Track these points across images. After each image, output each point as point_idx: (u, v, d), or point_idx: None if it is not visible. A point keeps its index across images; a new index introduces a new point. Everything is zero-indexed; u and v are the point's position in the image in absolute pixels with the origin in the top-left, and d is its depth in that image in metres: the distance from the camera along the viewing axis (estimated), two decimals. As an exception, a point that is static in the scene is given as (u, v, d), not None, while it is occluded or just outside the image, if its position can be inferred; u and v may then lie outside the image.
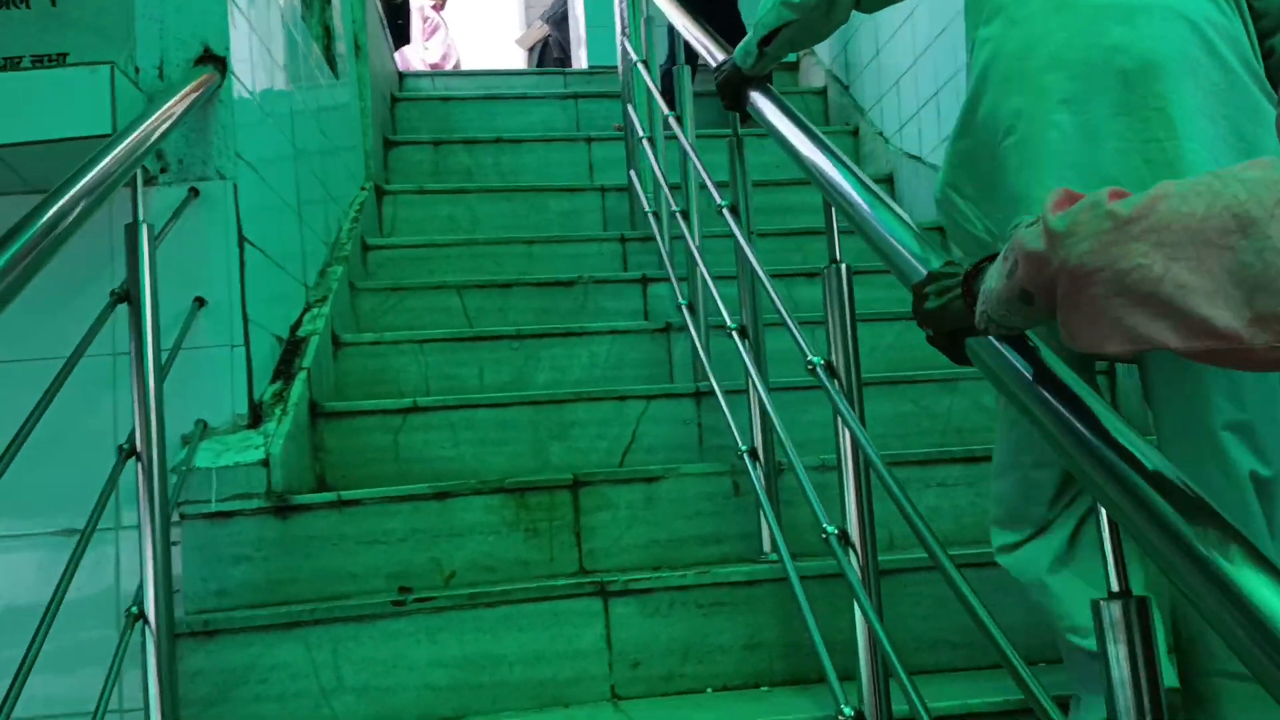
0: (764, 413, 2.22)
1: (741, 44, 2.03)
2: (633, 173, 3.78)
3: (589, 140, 4.31)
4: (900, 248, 1.35)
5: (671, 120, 2.88)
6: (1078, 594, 1.59)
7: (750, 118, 2.12)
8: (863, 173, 1.61)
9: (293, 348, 2.56)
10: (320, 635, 1.92)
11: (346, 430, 2.50)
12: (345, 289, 3.04)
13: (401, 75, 4.88)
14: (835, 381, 1.61)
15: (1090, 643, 1.54)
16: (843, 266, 1.65)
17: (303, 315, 2.70)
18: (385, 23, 4.59)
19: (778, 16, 1.91)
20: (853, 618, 2.03)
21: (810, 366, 1.62)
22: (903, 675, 1.36)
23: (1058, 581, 1.64)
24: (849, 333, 1.62)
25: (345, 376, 2.79)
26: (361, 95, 3.85)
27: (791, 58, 5.31)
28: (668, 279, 3.22)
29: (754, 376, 2.15)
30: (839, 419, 1.61)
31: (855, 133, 4.50)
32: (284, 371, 2.47)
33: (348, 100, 3.62)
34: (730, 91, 2.10)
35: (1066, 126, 1.47)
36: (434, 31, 8.16)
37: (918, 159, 4.03)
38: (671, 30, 2.87)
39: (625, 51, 3.82)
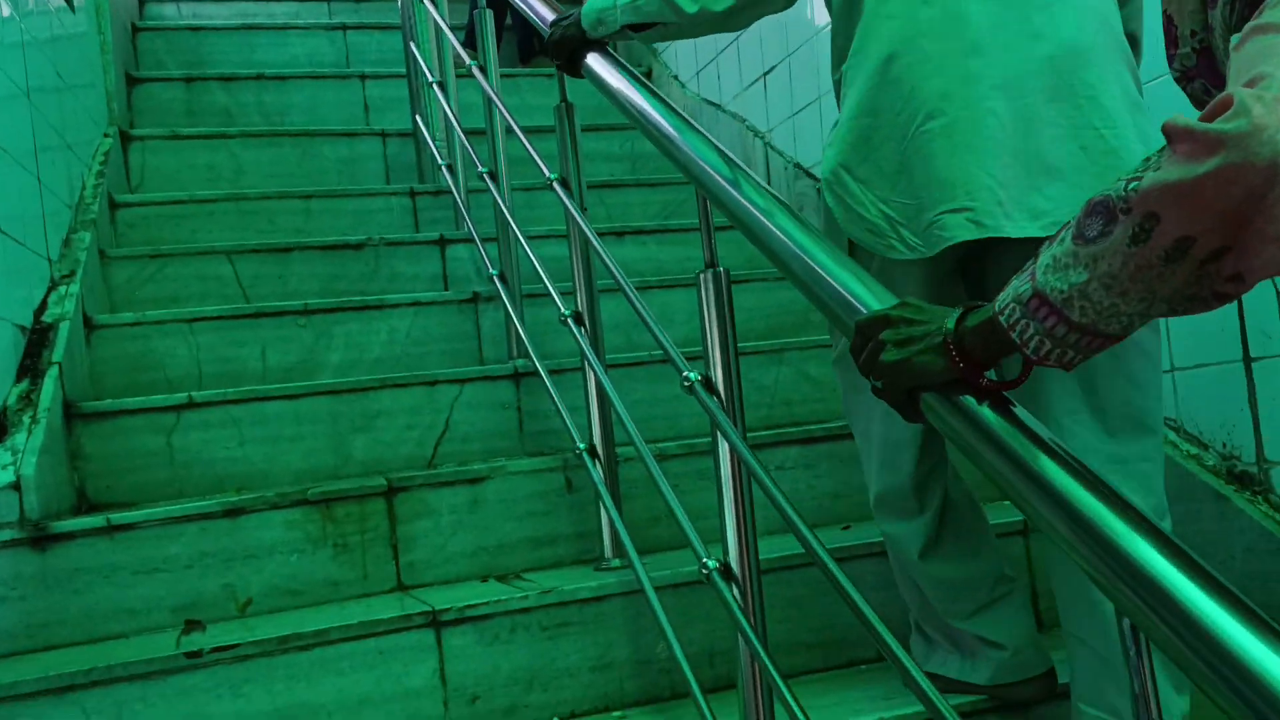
0: (603, 400, 2.03)
1: (594, 10, 1.81)
2: (418, 118, 3.47)
3: (363, 78, 3.94)
4: (826, 277, 1.16)
5: (475, 70, 2.60)
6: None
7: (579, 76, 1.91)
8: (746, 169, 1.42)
9: (39, 337, 2.17)
10: (99, 699, 1.61)
11: (110, 432, 2.14)
12: (95, 259, 2.62)
13: (142, 1, 4.32)
14: (715, 398, 1.42)
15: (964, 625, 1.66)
16: (721, 272, 1.46)
17: (48, 296, 2.30)
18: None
19: (659, 11, 1.71)
20: (707, 627, 1.90)
21: (687, 383, 1.43)
22: (788, 694, 1.22)
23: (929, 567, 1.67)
24: (730, 345, 1.43)
25: (102, 365, 2.40)
26: (100, 26, 3.35)
27: None
28: (469, 240, 2.96)
29: (591, 362, 1.95)
30: (718, 435, 1.43)
31: (649, 74, 4.31)
32: (31, 368, 2.08)
33: (85, 30, 3.13)
34: (565, 53, 1.89)
35: (1002, 113, 1.43)
36: None
37: (717, 106, 3.88)
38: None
39: (408, -8, 3.48)
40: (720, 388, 1.42)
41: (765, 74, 3.51)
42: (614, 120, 3.83)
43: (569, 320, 2.00)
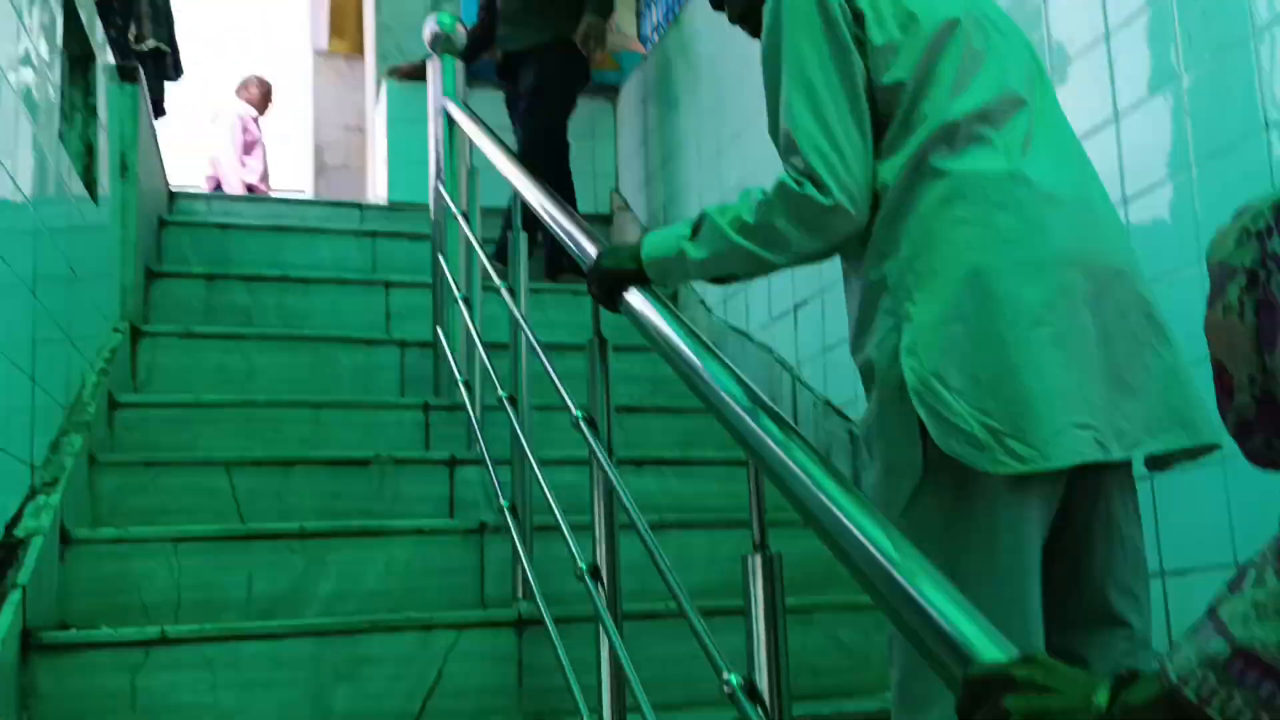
0: (617, 667, 1.82)
1: (658, 261, 1.64)
2: (439, 329, 3.37)
3: (387, 285, 3.87)
4: (918, 599, 0.98)
5: (505, 292, 2.50)
6: None
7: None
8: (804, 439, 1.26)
9: (6, 555, 1.99)
10: None
11: (69, 669, 1.94)
12: (83, 465, 2.47)
13: (172, 195, 4.32)
14: (758, 708, 1.23)
15: None
16: (773, 557, 1.28)
17: (24, 507, 2.13)
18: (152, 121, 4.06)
19: (739, 267, 1.57)
20: None
21: (728, 689, 1.23)
22: None
23: None
24: (776, 649, 1.24)
25: (74, 585, 2.22)
26: (124, 221, 3.30)
27: (605, 208, 5.07)
28: (479, 462, 2.81)
29: (607, 626, 1.76)
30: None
31: (674, 298, 4.25)
32: (-10, 591, 1.90)
33: (106, 222, 3.08)
34: (607, 288, 1.75)
35: (1090, 327, 1.42)
36: (253, 146, 7.45)
37: (744, 335, 3.79)
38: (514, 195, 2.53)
39: (439, 196, 3.44)
40: (765, 697, 1.22)
41: (797, 307, 3.42)
42: (636, 341, 3.75)
43: (585, 576, 1.82)
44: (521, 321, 2.44)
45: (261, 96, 7.57)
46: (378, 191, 5.11)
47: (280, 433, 2.98)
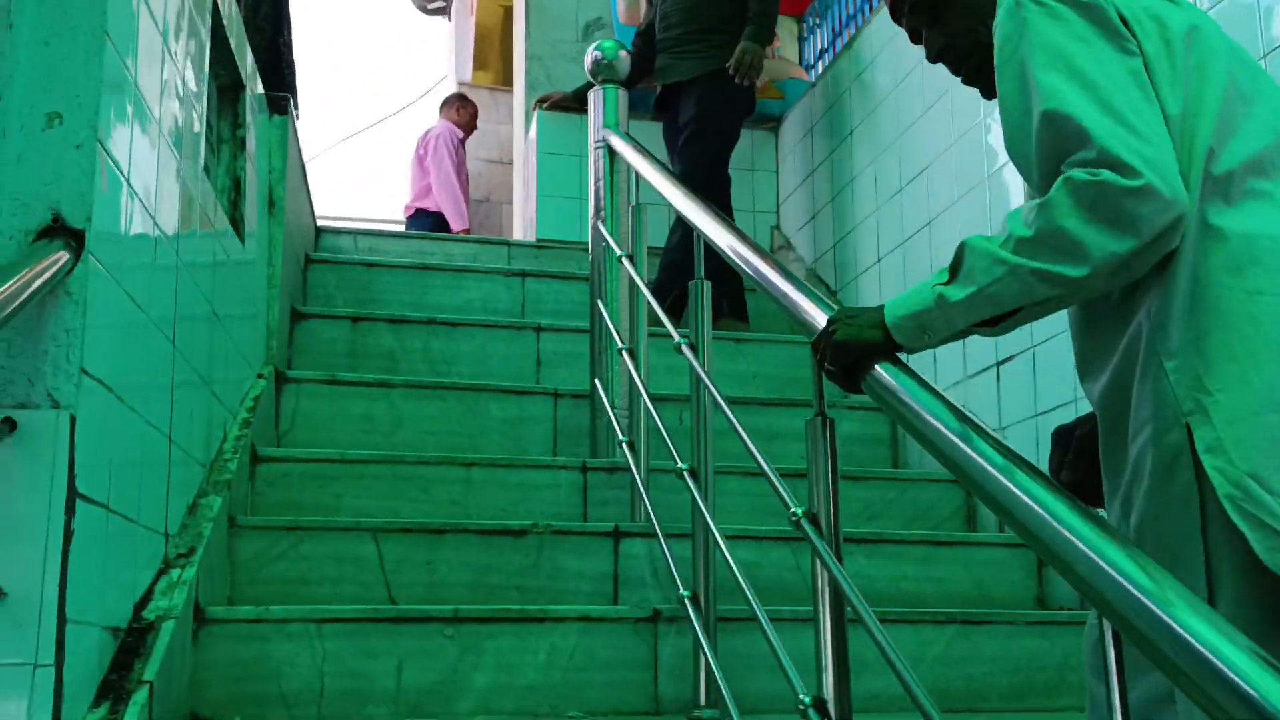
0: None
1: (909, 314, 1.34)
2: (597, 382, 3.09)
3: (538, 330, 3.62)
4: None
5: (685, 350, 2.21)
6: None
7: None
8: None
9: (134, 641, 1.76)
10: None
11: (199, 777, 1.69)
12: (222, 530, 2.25)
13: (319, 231, 4.16)
14: None
15: None
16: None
17: (155, 582, 1.91)
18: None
19: (1025, 292, 1.25)
20: None
21: None
22: None
23: None
24: None
25: (207, 670, 1.98)
26: (271, 259, 3.12)
27: (766, 247, 4.75)
28: (648, 534, 2.51)
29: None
30: None
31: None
32: (115, 685, 1.67)
33: (253, 259, 2.89)
34: (848, 364, 1.42)
35: None
36: (462, 170, 6.55)
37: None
38: (684, 231, 2.24)
39: (599, 235, 3.17)
40: None
41: (999, 363, 3.05)
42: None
43: (808, 710, 1.49)
44: (706, 380, 2.14)
45: (470, 117, 6.82)
46: (526, 228, 4.89)
47: (429, 493, 2.74)
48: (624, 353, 2.80)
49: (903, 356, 1.40)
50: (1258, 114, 1.31)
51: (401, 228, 6.60)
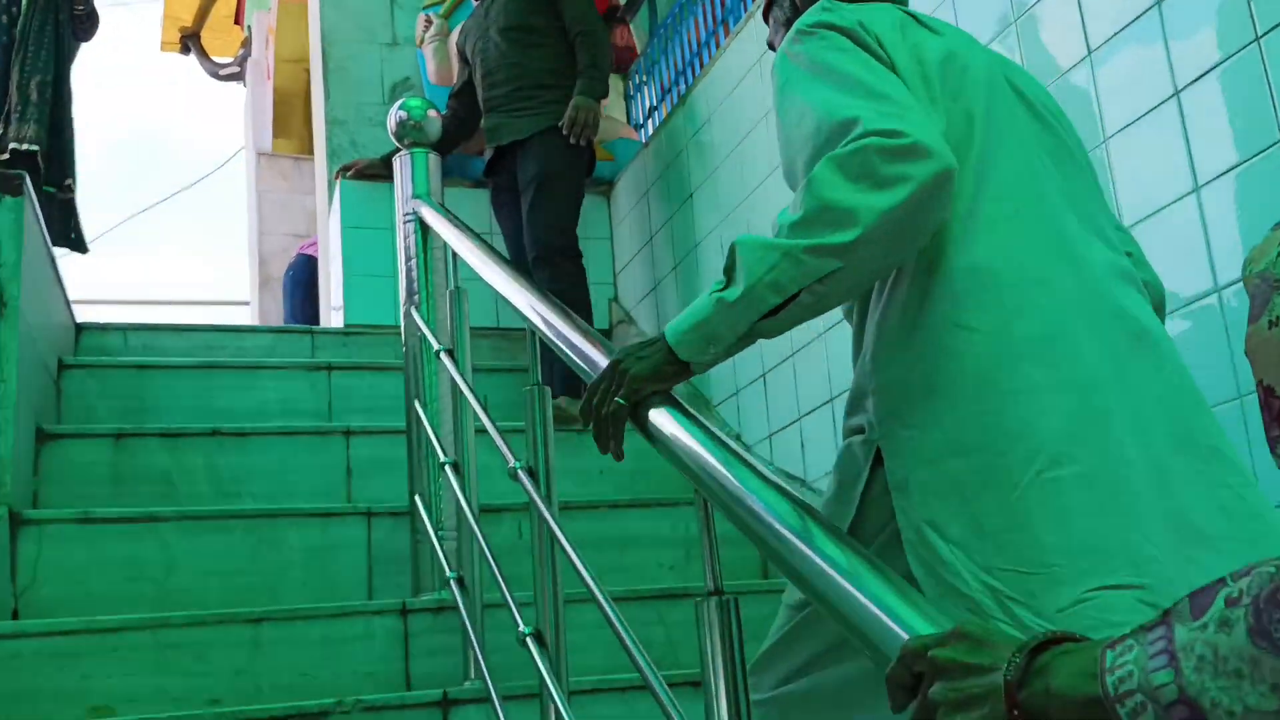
0: None
1: (695, 326, 1.27)
2: (418, 500, 2.58)
3: (347, 434, 3.09)
4: None
5: (522, 475, 1.74)
6: None
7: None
8: None
9: None
10: None
11: None
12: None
13: (79, 329, 3.52)
14: None
15: None
16: None
17: None
18: (48, 239, 3.28)
19: (803, 272, 1.19)
20: None
21: None
22: None
23: None
24: None
25: None
26: (2, 374, 2.52)
27: (604, 322, 4.33)
28: (483, 699, 2.02)
29: None
30: None
31: (698, 431, 3.49)
32: None
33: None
34: (646, 390, 1.32)
35: (1137, 463, 1.17)
36: None
37: (800, 481, 3.04)
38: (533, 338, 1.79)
39: (414, 325, 2.68)
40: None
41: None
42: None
43: None
44: (547, 516, 1.67)
45: None
46: (331, 312, 4.34)
47: (206, 662, 2.17)
48: (447, 468, 2.31)
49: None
50: (1006, 145, 1.30)
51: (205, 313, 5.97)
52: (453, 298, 2.39)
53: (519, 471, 1.77)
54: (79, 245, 4.15)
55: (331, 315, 4.23)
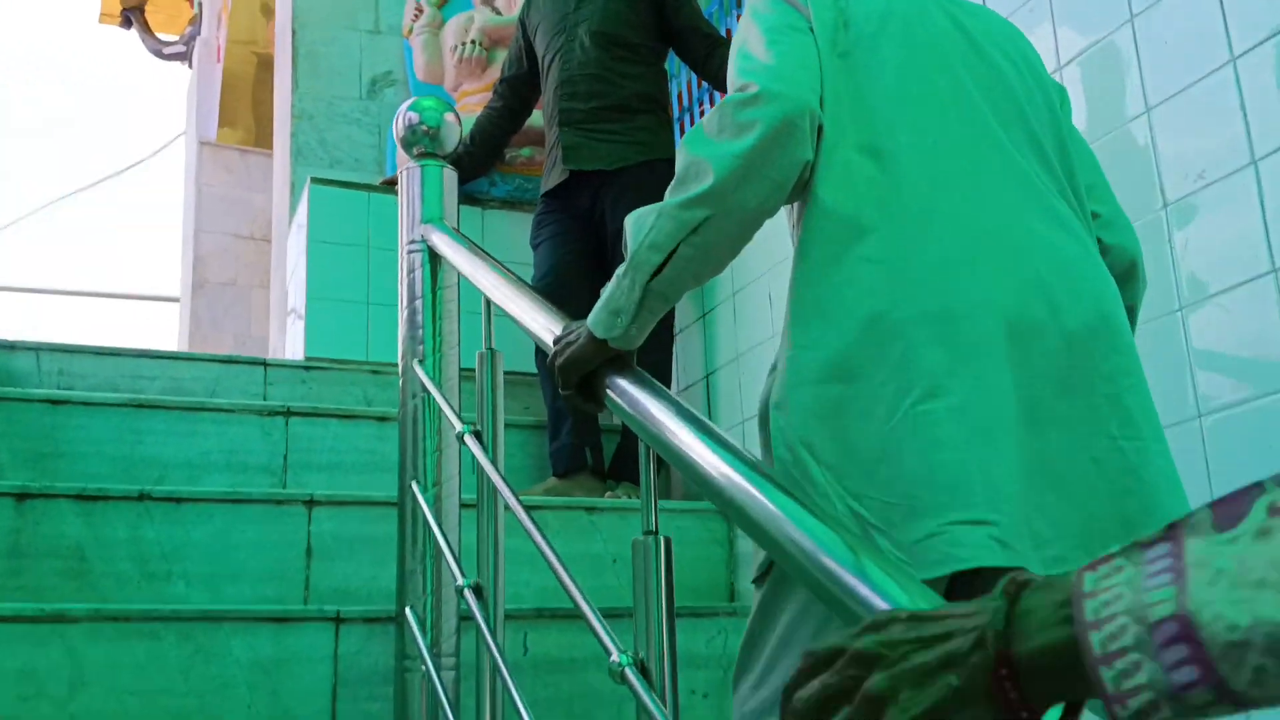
0: None
1: (604, 301, 1.31)
2: (409, 612, 1.99)
3: (310, 503, 2.49)
4: None
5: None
6: None
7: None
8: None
9: None
10: None
11: None
12: None
13: (-17, 346, 2.86)
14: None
15: None
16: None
17: None
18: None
19: (676, 224, 1.25)
20: None
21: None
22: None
23: None
24: None
25: None
26: None
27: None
28: None
29: None
30: None
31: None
32: None
33: None
34: (575, 376, 1.35)
35: (1012, 399, 1.19)
36: None
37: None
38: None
39: (416, 383, 2.09)
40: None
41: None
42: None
43: None
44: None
45: None
46: (284, 333, 3.72)
47: None
48: (467, 592, 1.72)
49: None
50: (935, 88, 1.33)
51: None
52: (483, 361, 1.80)
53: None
54: None
55: (287, 342, 3.60)
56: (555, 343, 1.40)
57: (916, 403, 1.17)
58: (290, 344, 3.52)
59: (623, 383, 1.28)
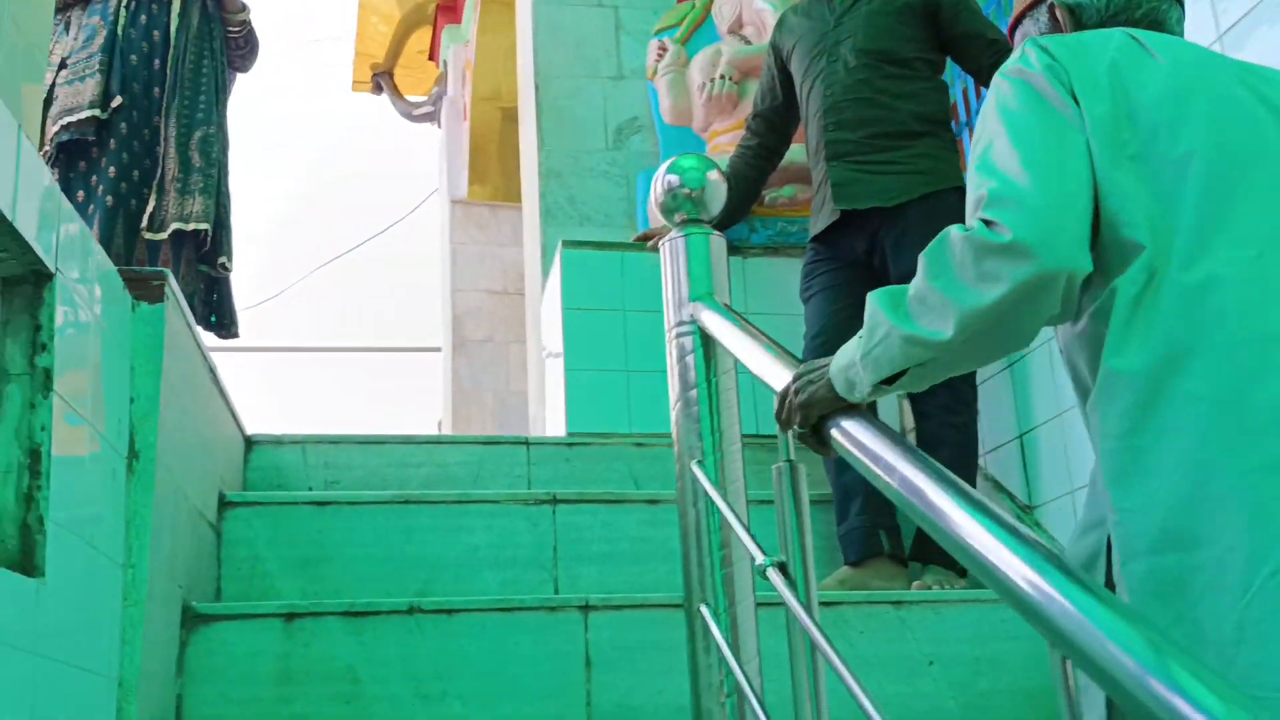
0: None
1: (841, 369, 1.28)
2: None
3: (585, 609, 2.27)
4: None
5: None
6: None
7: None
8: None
9: None
10: None
11: None
12: None
13: (249, 443, 2.81)
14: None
15: None
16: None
17: None
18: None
19: (904, 356, 1.21)
20: None
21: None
22: None
23: None
24: None
25: None
26: (131, 557, 1.79)
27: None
28: None
29: None
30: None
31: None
32: None
33: (71, 600, 1.58)
34: (813, 416, 1.31)
35: None
36: None
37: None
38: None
39: (695, 487, 1.83)
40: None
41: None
42: None
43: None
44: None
45: None
46: (543, 405, 3.56)
47: None
48: (752, 696, 1.43)
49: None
50: (1251, 179, 1.17)
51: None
52: (780, 477, 1.52)
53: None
54: (226, 328, 3.35)
55: (547, 413, 3.44)
56: (795, 379, 1.35)
57: (1277, 571, 1.04)
58: (551, 417, 3.35)
59: (859, 432, 1.23)
